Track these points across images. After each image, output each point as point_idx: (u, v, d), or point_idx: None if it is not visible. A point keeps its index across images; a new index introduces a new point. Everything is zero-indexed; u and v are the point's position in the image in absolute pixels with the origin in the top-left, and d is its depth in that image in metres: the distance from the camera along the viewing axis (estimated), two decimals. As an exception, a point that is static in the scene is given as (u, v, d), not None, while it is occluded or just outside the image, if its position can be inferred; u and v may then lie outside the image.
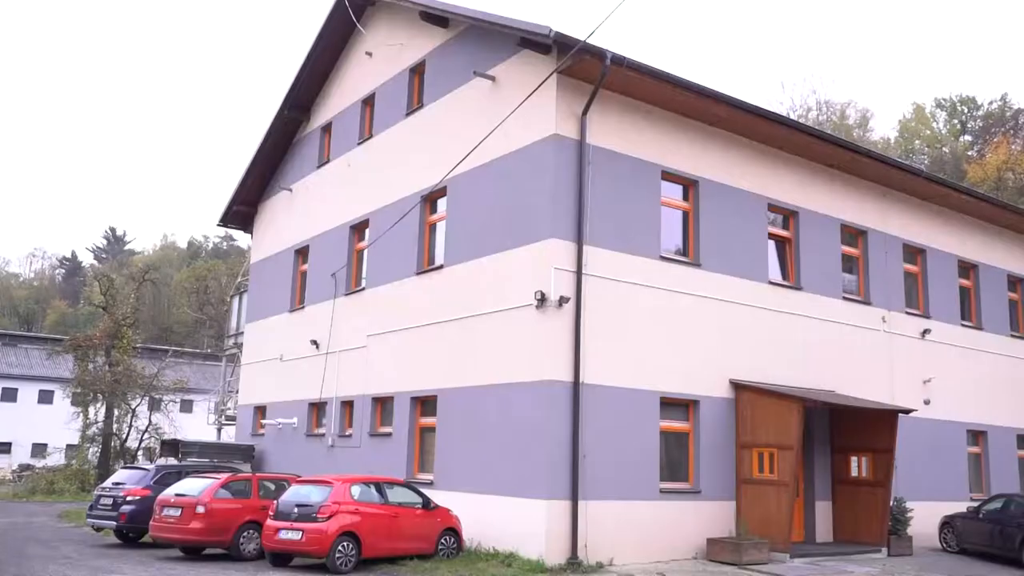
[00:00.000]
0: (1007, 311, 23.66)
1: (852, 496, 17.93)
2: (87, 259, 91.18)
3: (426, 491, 15.48)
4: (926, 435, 20.34)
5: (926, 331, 21.03)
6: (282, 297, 24.44)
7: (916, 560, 16.85)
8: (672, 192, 16.73)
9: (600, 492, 14.45)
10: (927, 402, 20.63)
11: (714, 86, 16.15)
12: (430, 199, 18.47)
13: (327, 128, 23.83)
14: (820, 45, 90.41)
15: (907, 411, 17.99)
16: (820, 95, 61.18)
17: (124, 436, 34.95)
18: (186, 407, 46.55)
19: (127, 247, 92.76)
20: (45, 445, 45.99)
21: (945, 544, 18.78)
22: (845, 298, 19.36)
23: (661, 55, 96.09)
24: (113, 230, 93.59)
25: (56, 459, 38.73)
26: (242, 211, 27.03)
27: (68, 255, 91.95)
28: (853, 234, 20.15)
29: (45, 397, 52.49)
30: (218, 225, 27.97)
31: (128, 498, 17.06)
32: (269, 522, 13.95)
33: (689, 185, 16.98)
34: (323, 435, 20.94)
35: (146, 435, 35.44)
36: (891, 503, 17.66)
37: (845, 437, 18.30)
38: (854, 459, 18.04)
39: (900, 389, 19.99)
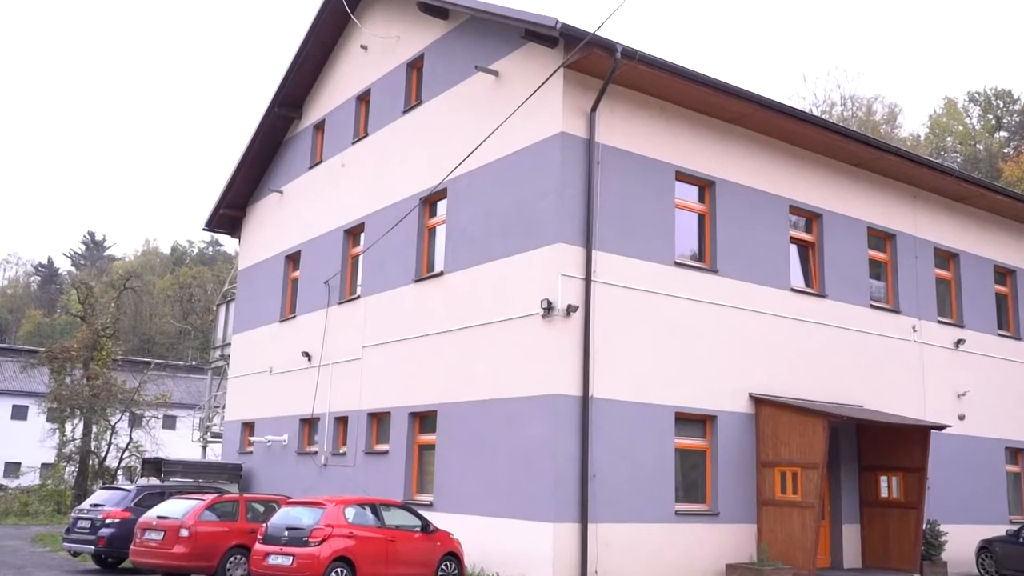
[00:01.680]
0: (1047, 320, 23.63)
1: (882, 519, 17.89)
2: (64, 265, 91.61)
3: (425, 513, 15.47)
4: (961, 453, 20.29)
5: (960, 341, 20.99)
6: (272, 306, 24.49)
7: (950, 587, 16.81)
8: (687, 193, 16.75)
9: (611, 514, 14.44)
10: (961, 417, 20.58)
11: (731, 80, 16.22)
12: (429, 201, 18.52)
13: (320, 126, 23.91)
14: (845, 36, 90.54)
15: (940, 427, 17.96)
16: (845, 89, 61.29)
17: (103, 454, 34.97)
18: (169, 423, 46.53)
19: (107, 253, 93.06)
20: (18, 464, 46.01)
21: (983, 570, 18.73)
22: (873, 306, 19.35)
23: (673, 48, 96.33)
24: (92, 235, 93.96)
25: (30, 479, 38.75)
26: (229, 214, 27.10)
27: (44, 261, 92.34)
28: (881, 238, 20.15)
29: (19, 413, 52.53)
30: (204, 229, 28.09)
31: (107, 521, 17.08)
32: (257, 546, 13.94)
33: (705, 186, 17.00)
34: (315, 453, 20.95)
35: (126, 453, 35.45)
36: (924, 526, 17.62)
37: (874, 455, 18.26)
38: (884, 479, 18.00)
39: (932, 403, 19.96)
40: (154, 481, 21.49)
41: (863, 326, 18.98)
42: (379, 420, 19.12)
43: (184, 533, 14.89)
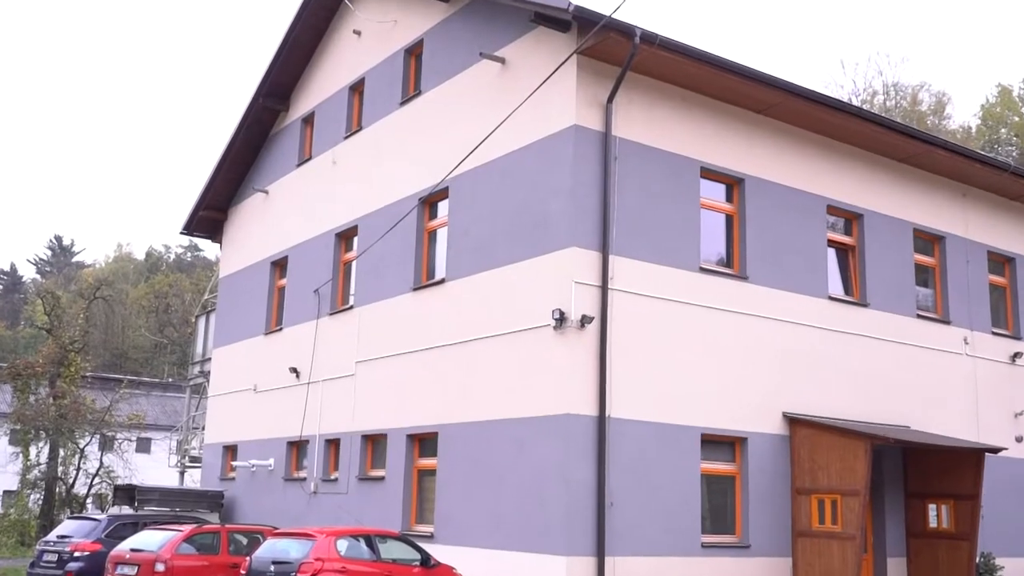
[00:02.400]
0: (1113, 331, 23.52)
1: (930, 551, 17.81)
2: (28, 273, 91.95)
3: (425, 545, 15.47)
4: (1018, 478, 20.20)
5: (1017, 355, 20.92)
6: (256, 317, 24.54)
7: (1007, 627, 16.72)
8: (713, 192, 16.76)
9: (630, 546, 14.41)
10: (1019, 439, 20.50)
11: (761, 67, 16.22)
12: (429, 202, 18.55)
13: (309, 119, 23.99)
14: (887, 18, 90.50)
15: (995, 450, 17.89)
16: (887, 77, 61.17)
17: (71, 481, 35.07)
18: (143, 447, 46.62)
19: (75, 259, 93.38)
20: (-22, 492, 46.19)
21: (1042, 608, 18.62)
22: (919, 316, 19.30)
23: (697, 32, 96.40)
24: (59, 239, 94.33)
25: (-9, 508, 38.89)
26: (209, 217, 27.18)
27: (6, 268, 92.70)
28: (928, 240, 20.11)
29: (-22, 435, 52.71)
30: (181, 233, 28.17)
31: (76, 554, 17.11)
32: (241, 582, 13.95)
33: (733, 184, 17.00)
34: (304, 479, 20.96)
35: (96, 480, 35.54)
36: (977, 559, 17.54)
37: (922, 481, 18.19)
38: (932, 507, 17.93)
39: (986, 423, 19.88)
40: (127, 510, 21.53)
41: (909, 338, 18.93)
42: (374, 443, 19.13)
43: (160, 568, 14.91)
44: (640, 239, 15.37)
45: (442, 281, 17.60)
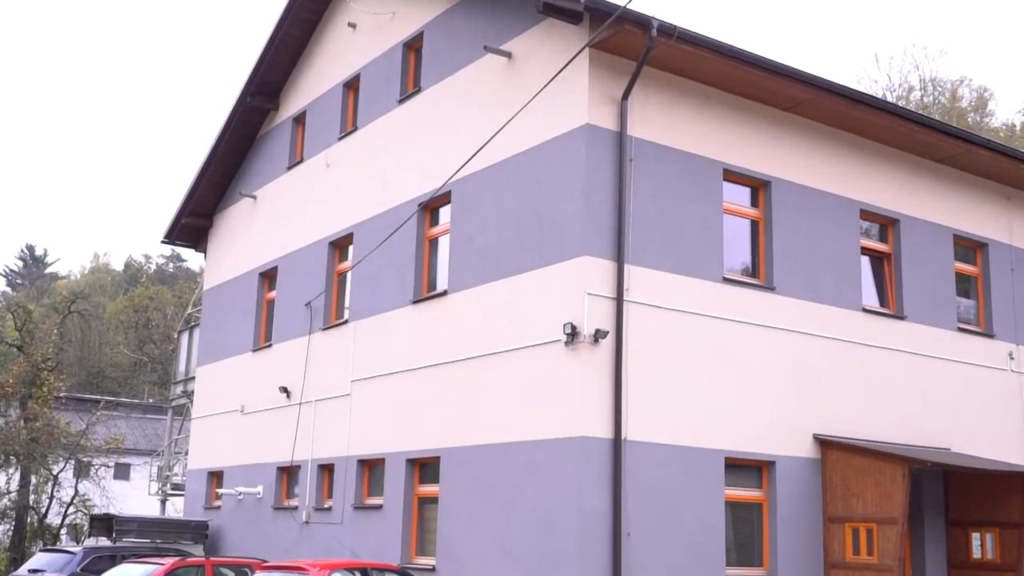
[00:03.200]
0: None
1: (974, 584, 17.76)
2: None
3: (426, 579, 15.46)
4: (1069, 505, 20.10)
5: (1066, 371, 20.86)
6: (243, 333, 24.58)
7: (1059, 668, 16.62)
8: (737, 196, 16.78)
9: (649, 580, 14.38)
10: (1070, 462, 20.43)
11: (788, 62, 16.27)
12: (430, 207, 18.59)
13: (300, 119, 24.06)
14: (924, 8, 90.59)
15: (1044, 474, 17.84)
16: (925, 71, 61.15)
17: (43, 510, 35.06)
18: (122, 473, 46.61)
19: (48, 270, 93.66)
20: (-56, 522, 46.22)
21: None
22: (960, 329, 19.28)
23: (719, 23, 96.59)
24: (31, 249, 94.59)
25: (-43, 540, 38.89)
26: (193, 224, 27.26)
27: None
28: (970, 248, 20.10)
29: (-56, 461, 52.77)
30: (163, 242, 28.21)
31: (49, 589, 17.11)
32: (227, 619, 13.96)
33: (759, 187, 17.02)
34: (295, 508, 20.96)
35: (71, 509, 35.54)
36: (1025, 593, 17.48)
37: (964, 508, 18.14)
38: (976, 536, 17.87)
39: (1034, 446, 19.82)
40: (104, 542, 21.52)
41: (949, 353, 18.90)
42: (371, 468, 19.13)
43: (140, 604, 14.90)
44: (658, 247, 15.37)
45: (444, 293, 17.61)
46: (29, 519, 34.61)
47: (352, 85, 22.10)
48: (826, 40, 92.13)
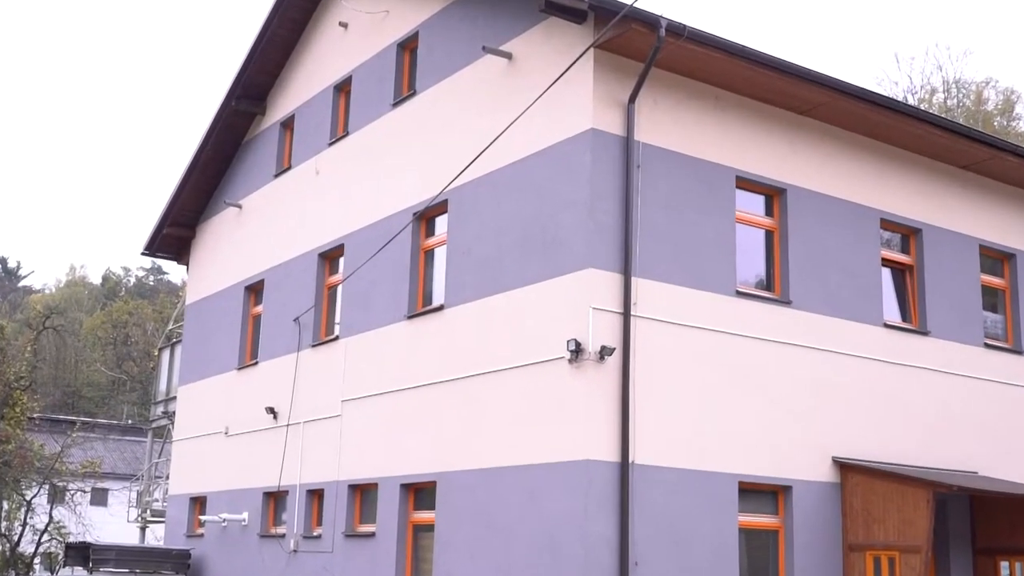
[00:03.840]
0: None
1: (1003, 616, 17.73)
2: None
3: (422, 612, 15.42)
4: (1104, 532, 20.07)
5: (1100, 390, 20.84)
6: (228, 350, 24.56)
7: None
8: (751, 204, 16.78)
9: (658, 612, 14.33)
10: (1104, 487, 20.39)
11: (804, 62, 16.28)
12: (425, 217, 18.59)
13: (288, 124, 24.09)
14: (947, 6, 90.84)
15: (1077, 499, 17.80)
16: (948, 72, 61.28)
17: (16, 538, 35.02)
18: (99, 498, 46.58)
19: (22, 284, 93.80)
20: (-90, 551, 46.13)
21: None
22: (988, 345, 19.26)
23: (731, 22, 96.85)
24: (3, 261, 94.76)
25: (-76, 570, 38.83)
26: (175, 235, 27.26)
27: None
28: (997, 259, 20.10)
29: (-90, 486, 52.70)
30: (143, 254, 28.22)
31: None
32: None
33: (773, 195, 17.02)
34: (282, 536, 20.91)
35: (45, 536, 35.50)
36: (1058, 626, 17.43)
37: (993, 534, 18.10)
38: (1005, 564, 17.84)
39: (1066, 469, 19.78)
40: (80, 572, 21.47)
41: (976, 371, 18.88)
42: (363, 494, 19.09)
43: (117, 638, 14.85)
44: (667, 259, 15.37)
45: (440, 308, 17.60)
46: (1, 547, 34.55)
47: (343, 88, 22.12)
48: (844, 40, 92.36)
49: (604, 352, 14.37)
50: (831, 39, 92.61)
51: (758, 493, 15.98)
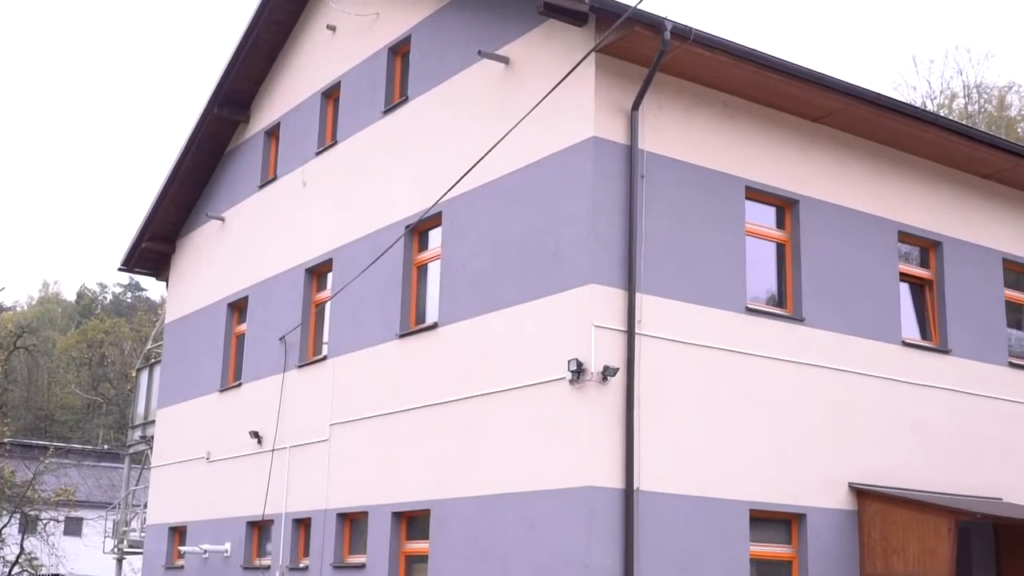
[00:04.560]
0: None
1: (1031, 651, 17.71)
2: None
3: (415, 648, 15.40)
4: None
5: None
6: (209, 371, 24.55)
7: None
8: (761, 216, 16.81)
9: (665, 648, 14.32)
10: None
11: (817, 67, 16.32)
12: (418, 230, 18.61)
13: (273, 132, 24.14)
14: (967, 7, 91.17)
15: (1107, 527, 17.80)
16: (969, 76, 61.49)
17: (-15, 570, 34.94)
18: (73, 528, 46.51)
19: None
20: None
21: None
22: (1012, 364, 19.28)
23: (740, 25, 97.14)
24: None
25: None
26: (154, 249, 27.28)
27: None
28: (1021, 273, 20.14)
29: None
30: (120, 270, 28.24)
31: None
32: None
33: (785, 207, 17.05)
34: (267, 568, 20.88)
35: (16, 569, 35.41)
36: (1088, 662, 17.41)
37: (1018, 564, 18.07)
38: (1032, 597, 17.83)
39: (1096, 495, 19.78)
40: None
41: (999, 391, 18.88)
42: (352, 523, 19.06)
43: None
44: (673, 274, 15.38)
45: (434, 326, 17.61)
46: (-31, 581, 34.50)
47: (331, 94, 22.17)
48: (859, 42, 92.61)
49: (607, 372, 14.37)
50: (845, 42, 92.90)
51: (770, 522, 15.96)
